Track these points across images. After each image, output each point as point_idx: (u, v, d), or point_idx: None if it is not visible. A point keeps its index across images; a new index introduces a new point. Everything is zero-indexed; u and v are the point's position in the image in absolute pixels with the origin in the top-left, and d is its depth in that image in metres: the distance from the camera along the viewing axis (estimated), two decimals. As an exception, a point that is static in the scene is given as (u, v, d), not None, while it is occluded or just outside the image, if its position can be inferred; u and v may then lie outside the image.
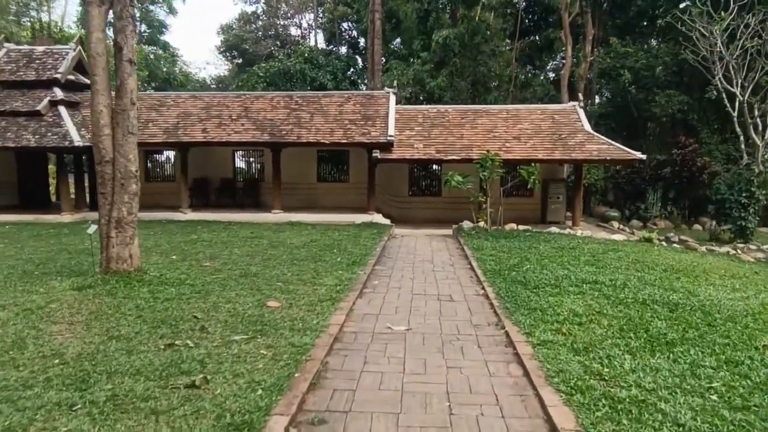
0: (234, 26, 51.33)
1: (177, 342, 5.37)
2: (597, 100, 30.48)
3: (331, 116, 18.29)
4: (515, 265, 9.84)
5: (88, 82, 21.14)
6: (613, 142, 17.16)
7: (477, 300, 7.69)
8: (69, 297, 6.85)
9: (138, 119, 18.80)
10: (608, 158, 16.63)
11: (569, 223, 18.97)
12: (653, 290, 7.95)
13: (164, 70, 48.30)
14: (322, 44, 46.19)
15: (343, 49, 44.49)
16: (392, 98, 18.86)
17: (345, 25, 46.80)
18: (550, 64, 39.18)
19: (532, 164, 15.33)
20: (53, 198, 22.95)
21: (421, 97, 30.47)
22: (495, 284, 8.25)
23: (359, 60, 42.84)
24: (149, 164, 21.68)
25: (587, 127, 17.98)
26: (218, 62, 66.64)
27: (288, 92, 20.77)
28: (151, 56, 48.54)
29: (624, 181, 22.58)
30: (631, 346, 5.43)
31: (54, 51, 19.60)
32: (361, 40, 43.28)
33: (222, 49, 52.82)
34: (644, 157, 16.98)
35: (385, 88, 20.38)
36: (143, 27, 52.30)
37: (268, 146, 17.92)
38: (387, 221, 17.32)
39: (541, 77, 34.55)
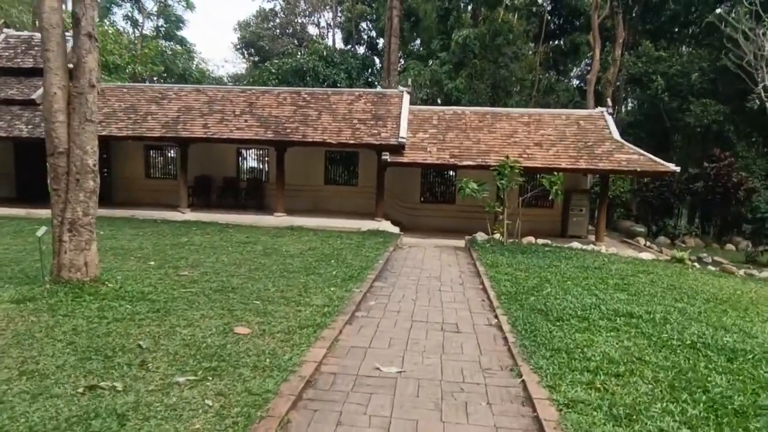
0: (251, 23, 50.56)
1: (103, 383, 4.21)
2: (623, 108, 28.98)
3: (339, 115, 17.16)
4: (534, 287, 8.57)
5: (89, 71, 20.57)
6: (645, 153, 15.77)
7: (488, 332, 6.43)
8: (0, 313, 5.75)
9: (136, 112, 18.11)
10: (638, 170, 15.24)
11: (592, 237, 17.62)
12: (700, 328, 6.62)
13: (180, 66, 47.72)
14: (340, 44, 45.23)
15: (361, 50, 43.45)
16: (406, 98, 17.68)
17: (364, 25, 45.77)
18: (574, 71, 37.73)
19: (555, 173, 14.02)
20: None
21: (438, 100, 29.27)
22: (510, 312, 6.99)
23: (377, 61, 41.72)
24: (151, 160, 20.77)
25: (616, 135, 16.61)
26: (236, 60, 66.13)
27: (296, 88, 19.70)
28: (168, 51, 47.98)
29: (652, 194, 21.11)
30: (689, 416, 4.13)
31: (54, 38, 18.71)
32: (380, 41, 42.18)
33: (239, 47, 52.08)
34: (678, 169, 15.60)
35: (399, 87, 19.20)
36: (160, 21, 51.89)
37: (271, 144, 16.85)
38: (395, 229, 16.12)
39: (566, 82, 33.09)
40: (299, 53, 33.58)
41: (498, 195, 14.55)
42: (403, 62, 36.99)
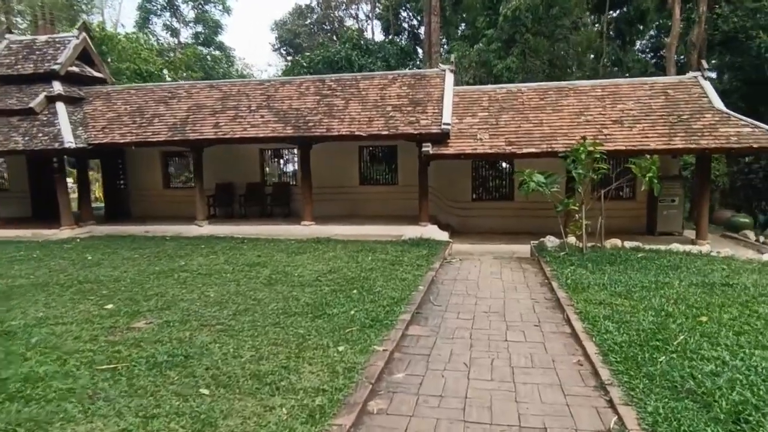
0: (287, 21, 48.63)
1: None
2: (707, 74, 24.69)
3: (370, 102, 14.44)
4: (655, 331, 5.53)
5: (96, 73, 18.74)
6: (760, 123, 12.23)
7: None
8: None
9: (143, 114, 15.99)
10: (755, 145, 11.72)
11: (687, 234, 14.22)
12: None
13: (221, 71, 46.48)
14: (380, 36, 42.55)
15: (402, 42, 40.60)
16: (449, 77, 14.75)
17: (404, 14, 42.94)
18: (638, 43, 33.43)
19: (647, 156, 10.79)
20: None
21: (487, 84, 26.05)
22: (636, 395, 4.04)
23: (419, 51, 38.72)
24: (170, 168, 18.78)
25: (718, 104, 13.10)
26: (279, 63, 64.68)
27: (320, 76, 17.11)
28: (208, 58, 46.83)
29: (757, 177, 17.24)
30: None
31: (56, 40, 16.94)
32: (421, 30, 39.21)
33: (276, 47, 50.33)
34: (805, 142, 11.98)
35: (440, 65, 16.28)
36: (199, 28, 51.02)
37: (292, 142, 14.34)
38: (443, 235, 13.28)
39: (635, 53, 29.05)
40: (331, 42, 30.99)
41: (573, 188, 11.45)
42: (446, 47, 33.95)
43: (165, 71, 38.45)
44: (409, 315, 6.42)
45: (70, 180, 21.69)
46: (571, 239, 11.51)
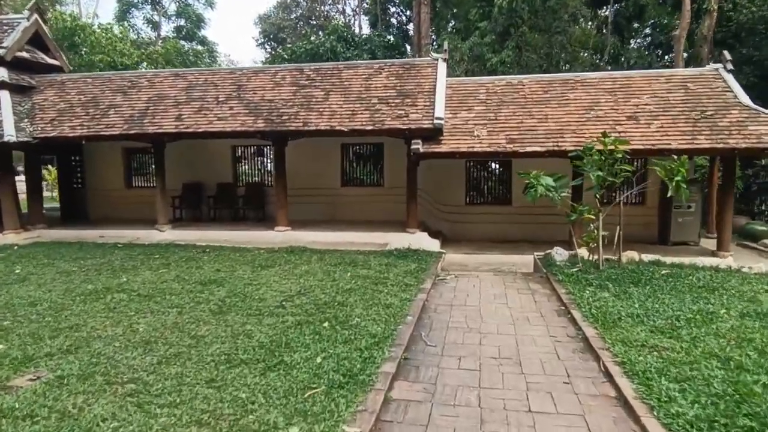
0: (272, 15, 46.78)
1: None
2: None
3: (353, 93, 12.81)
4: (737, 396, 3.97)
5: (50, 60, 16.88)
6: (795, 121, 10.79)
7: None
8: None
9: (97, 105, 14.05)
10: (792, 145, 10.28)
11: (704, 244, 12.81)
12: None
13: (203, 66, 44.53)
14: (367, 32, 40.85)
15: (391, 38, 38.95)
16: (441, 67, 13.17)
17: (392, 9, 41.32)
18: (633, 42, 32.14)
19: (674, 157, 9.24)
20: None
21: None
22: None
23: (408, 49, 37.12)
24: (134, 167, 16.98)
25: (744, 98, 11.63)
26: (264, 58, 62.36)
27: (297, 65, 15.44)
28: (190, 54, 44.82)
29: (775, 179, 15.82)
30: None
31: (3, 22, 15.07)
32: (410, 27, 37.63)
33: (260, 41, 48.43)
34: None
35: (432, 54, 14.69)
36: (181, 21, 49.12)
37: (263, 136, 12.65)
38: (434, 244, 11.72)
39: (636, 48, 27.68)
40: (316, 36, 29.24)
41: (581, 193, 9.91)
42: (437, 42, 32.42)
43: (144, 65, 36.62)
44: (395, 364, 4.79)
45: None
46: (582, 251, 9.96)
